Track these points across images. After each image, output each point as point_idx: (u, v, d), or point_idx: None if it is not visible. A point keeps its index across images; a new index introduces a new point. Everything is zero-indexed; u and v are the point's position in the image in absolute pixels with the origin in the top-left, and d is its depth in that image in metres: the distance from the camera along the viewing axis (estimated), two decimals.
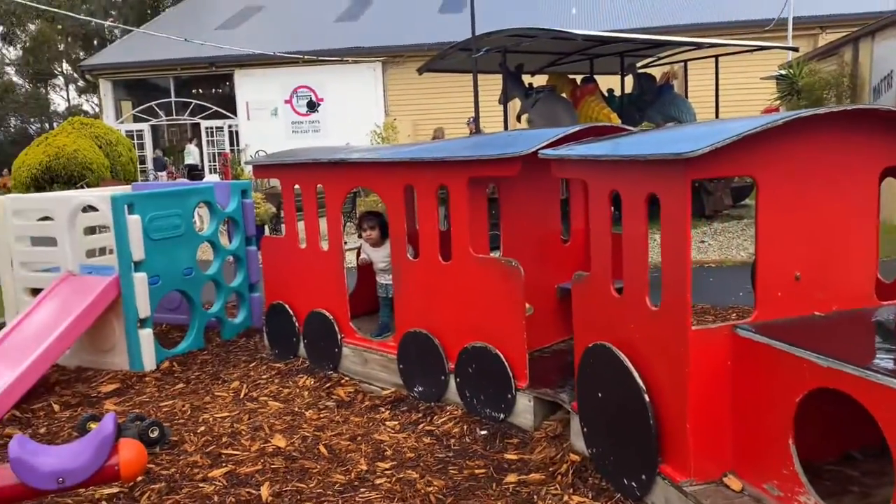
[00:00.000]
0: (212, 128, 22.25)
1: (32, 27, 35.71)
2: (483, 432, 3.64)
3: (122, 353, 5.02)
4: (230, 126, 22.04)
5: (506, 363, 3.60)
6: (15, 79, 41.40)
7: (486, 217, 3.81)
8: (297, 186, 4.87)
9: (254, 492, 3.12)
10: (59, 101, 42.78)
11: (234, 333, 5.82)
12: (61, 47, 36.51)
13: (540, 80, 11.74)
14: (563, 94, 11.07)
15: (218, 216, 5.75)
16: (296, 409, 4.14)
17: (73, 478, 2.39)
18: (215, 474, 3.30)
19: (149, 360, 5.01)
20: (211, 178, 18.21)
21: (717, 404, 2.62)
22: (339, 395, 4.33)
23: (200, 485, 3.20)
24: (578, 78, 11.42)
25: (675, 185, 2.56)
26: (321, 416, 4.02)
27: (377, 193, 4.31)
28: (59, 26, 33.75)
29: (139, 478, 3.07)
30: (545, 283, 4.20)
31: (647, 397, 2.74)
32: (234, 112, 21.80)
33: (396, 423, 3.86)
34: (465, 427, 3.71)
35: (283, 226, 5.60)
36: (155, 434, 3.57)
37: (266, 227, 10.96)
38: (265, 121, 21.24)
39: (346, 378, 4.57)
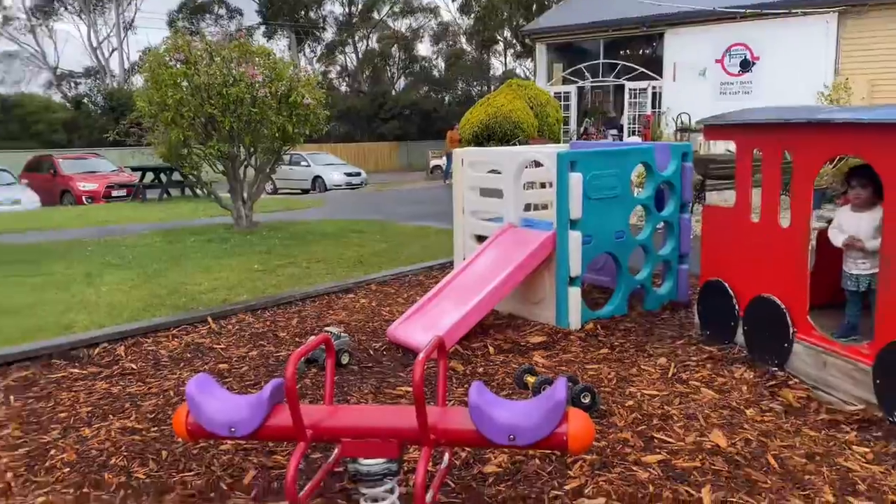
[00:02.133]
0: (635, 90, 22.10)
1: None
2: None
3: (549, 308, 5.10)
4: (654, 88, 21.60)
5: None
6: (465, 46, 47.28)
7: None
8: (756, 151, 4.25)
9: (693, 493, 2.76)
10: (496, 66, 47.58)
11: (657, 304, 5.51)
12: (505, 15, 40.11)
13: None
14: None
15: (655, 179, 5.44)
16: (733, 403, 3.64)
17: (524, 437, 2.33)
18: (649, 460, 3.03)
19: (574, 319, 5.00)
20: (632, 141, 18.15)
21: None
22: (787, 398, 3.69)
23: (634, 468, 2.97)
24: None
25: None
26: (765, 419, 3.46)
27: (873, 165, 3.46)
28: None
29: (583, 454, 2.96)
30: None
31: None
32: (660, 73, 21.25)
33: (868, 450, 3.10)
34: None
35: (707, 195, 4.95)
36: (587, 400, 3.45)
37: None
38: (691, 82, 20.23)
39: (795, 380, 3.89)
